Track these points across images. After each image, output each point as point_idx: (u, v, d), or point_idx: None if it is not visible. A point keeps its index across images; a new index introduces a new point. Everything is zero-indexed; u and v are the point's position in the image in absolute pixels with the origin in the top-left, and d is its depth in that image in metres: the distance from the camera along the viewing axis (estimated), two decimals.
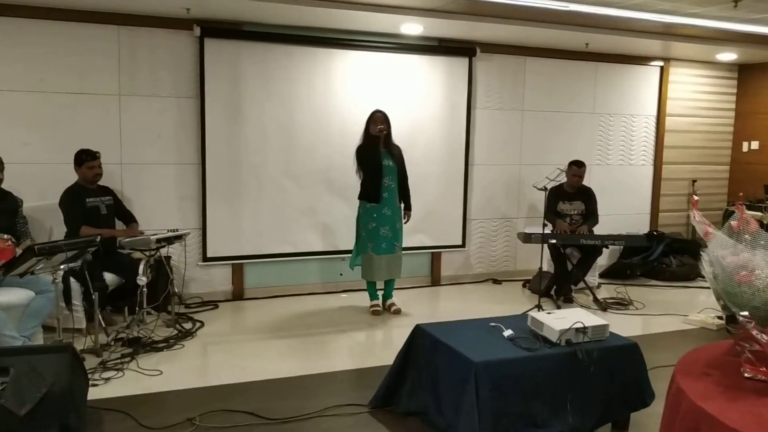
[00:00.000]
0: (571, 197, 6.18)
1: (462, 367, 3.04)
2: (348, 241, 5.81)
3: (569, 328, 3.20)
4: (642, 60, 7.35)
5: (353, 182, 5.48)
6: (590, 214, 6.16)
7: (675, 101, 7.60)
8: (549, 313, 3.46)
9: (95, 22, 5.25)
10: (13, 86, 5.11)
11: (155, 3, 5.01)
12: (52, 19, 5.14)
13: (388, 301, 5.62)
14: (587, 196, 6.21)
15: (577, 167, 6.09)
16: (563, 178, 6.00)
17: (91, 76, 5.32)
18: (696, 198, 7.48)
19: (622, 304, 5.94)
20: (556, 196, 6.10)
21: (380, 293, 5.64)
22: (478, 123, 6.67)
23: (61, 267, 4.03)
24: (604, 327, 3.33)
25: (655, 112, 7.55)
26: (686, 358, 2.43)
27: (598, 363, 3.17)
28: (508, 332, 3.34)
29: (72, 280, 4.46)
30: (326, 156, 6.06)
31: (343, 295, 6.13)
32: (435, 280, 6.71)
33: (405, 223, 5.52)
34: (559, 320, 3.29)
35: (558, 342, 3.20)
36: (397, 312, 5.52)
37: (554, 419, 3.09)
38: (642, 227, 7.60)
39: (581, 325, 3.23)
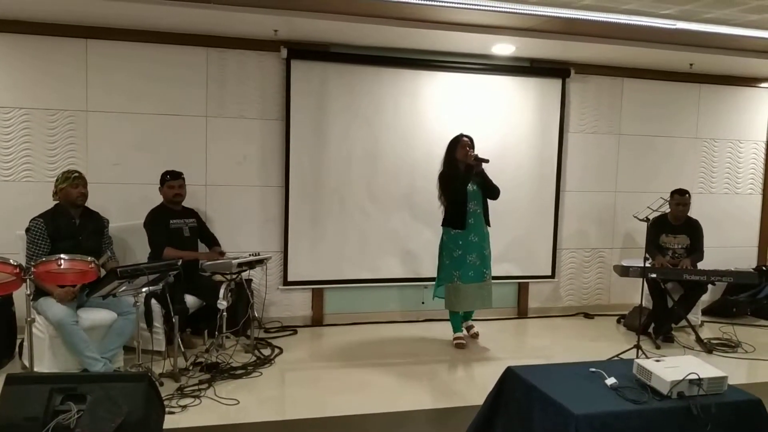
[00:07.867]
0: (676, 230, 5.74)
1: (560, 418, 2.74)
2: (431, 269, 5.59)
3: (682, 380, 2.86)
4: (750, 81, 6.82)
5: (437, 208, 5.26)
6: (695, 249, 5.70)
7: None
8: (657, 360, 3.11)
9: (185, 44, 5.30)
10: (105, 107, 5.21)
11: (243, 24, 5.00)
12: (143, 42, 5.21)
13: (466, 323, 5.41)
14: (693, 230, 5.75)
15: (680, 195, 5.66)
16: (666, 208, 5.56)
17: (179, 97, 5.36)
18: None
19: (729, 346, 5.42)
20: (658, 227, 5.68)
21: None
22: (570, 147, 6.34)
23: (143, 290, 4.02)
24: (722, 379, 2.97)
25: (764, 138, 7.00)
26: None
27: (715, 420, 2.81)
28: (611, 380, 3.02)
29: (153, 301, 4.45)
30: (410, 180, 5.88)
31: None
32: (521, 312, 6.37)
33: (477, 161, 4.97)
34: (670, 369, 2.96)
35: (669, 394, 2.87)
36: (475, 336, 5.31)
37: None
38: (749, 261, 7.00)
39: (695, 376, 2.89)
